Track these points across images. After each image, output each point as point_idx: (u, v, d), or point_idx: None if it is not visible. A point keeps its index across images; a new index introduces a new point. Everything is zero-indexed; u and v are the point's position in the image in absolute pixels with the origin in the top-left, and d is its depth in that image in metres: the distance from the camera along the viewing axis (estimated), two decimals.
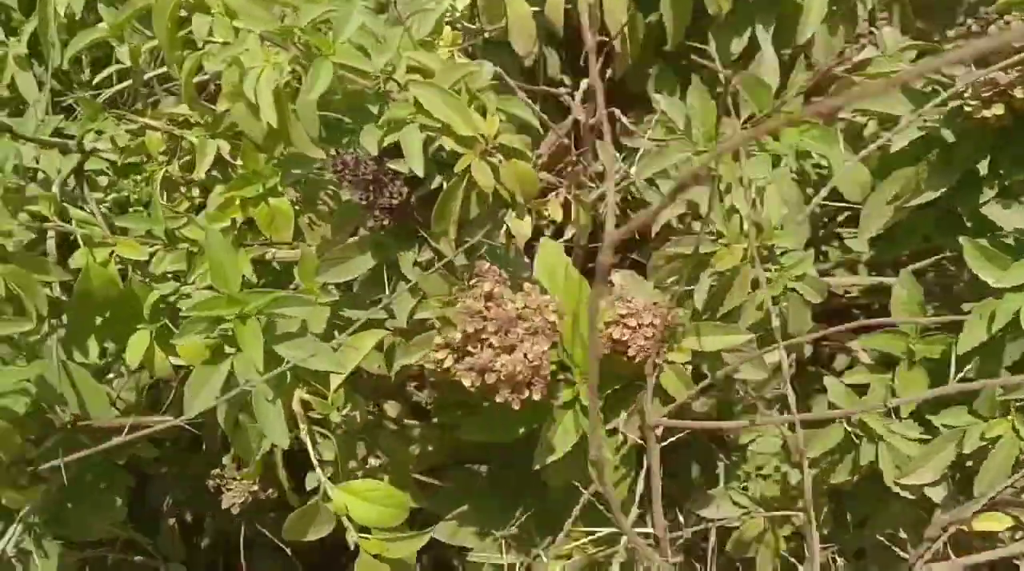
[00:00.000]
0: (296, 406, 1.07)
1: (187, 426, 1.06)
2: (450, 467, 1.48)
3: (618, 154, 1.35)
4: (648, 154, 1.11)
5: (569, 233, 1.32)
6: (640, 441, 1.09)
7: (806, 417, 1.15)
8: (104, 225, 1.12)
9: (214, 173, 1.17)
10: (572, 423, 1.09)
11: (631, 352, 1.01)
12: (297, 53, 0.91)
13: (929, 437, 1.22)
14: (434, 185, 0.98)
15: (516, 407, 0.96)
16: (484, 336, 0.95)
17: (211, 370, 1.01)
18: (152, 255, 1.14)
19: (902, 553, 1.22)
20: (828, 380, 1.23)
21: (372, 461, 1.32)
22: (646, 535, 1.11)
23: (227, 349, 1.00)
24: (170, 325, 1.17)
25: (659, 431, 1.06)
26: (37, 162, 1.27)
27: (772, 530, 1.46)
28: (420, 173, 0.93)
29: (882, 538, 1.48)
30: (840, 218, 1.45)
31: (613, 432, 1.11)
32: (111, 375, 1.24)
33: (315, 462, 1.08)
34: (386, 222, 0.98)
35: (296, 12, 0.93)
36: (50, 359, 1.07)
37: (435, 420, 1.47)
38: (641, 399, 1.08)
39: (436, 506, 1.41)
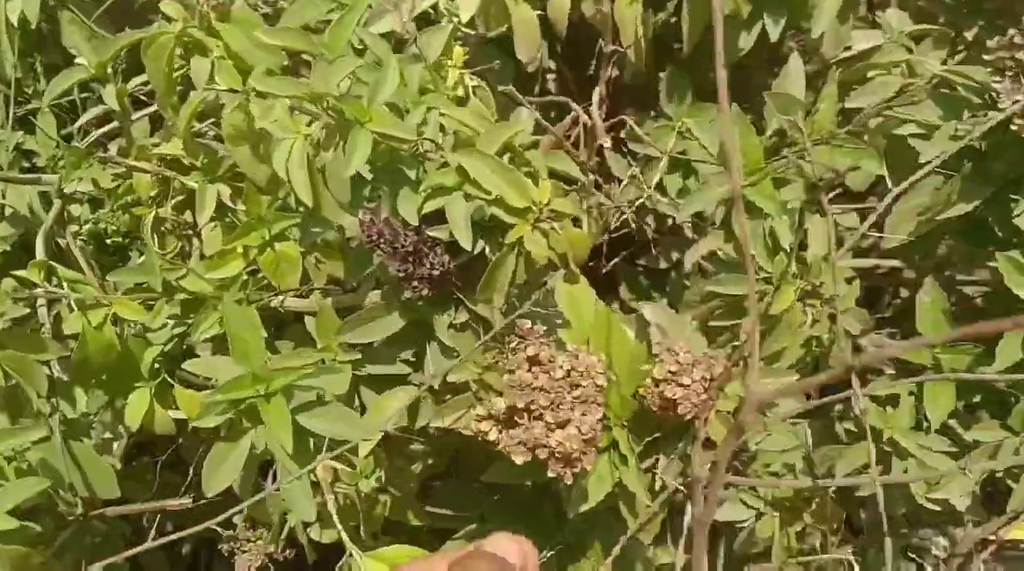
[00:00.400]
0: (321, 473, 0.98)
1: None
2: (453, 482, 1.42)
3: (627, 160, 1.27)
4: (693, 190, 1.03)
5: None
6: (681, 488, 1.03)
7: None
8: (94, 279, 1.01)
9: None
10: (608, 470, 1.03)
11: (681, 410, 0.94)
12: (329, 120, 0.80)
13: (958, 451, 1.18)
14: (475, 249, 0.89)
15: (568, 481, 0.89)
16: (533, 407, 0.88)
17: (231, 447, 0.92)
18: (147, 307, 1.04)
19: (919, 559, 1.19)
20: (857, 400, 1.18)
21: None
22: None
23: (246, 423, 0.92)
24: (169, 379, 1.08)
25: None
26: (3, 196, 1.14)
27: (785, 530, 1.43)
28: (468, 246, 0.84)
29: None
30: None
31: (648, 471, 1.05)
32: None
33: (342, 534, 1.00)
34: (425, 292, 0.89)
35: (317, 67, 0.82)
36: (52, 442, 0.97)
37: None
38: (681, 446, 1.02)
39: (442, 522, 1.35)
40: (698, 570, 0.66)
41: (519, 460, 0.87)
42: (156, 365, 1.07)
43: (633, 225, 1.23)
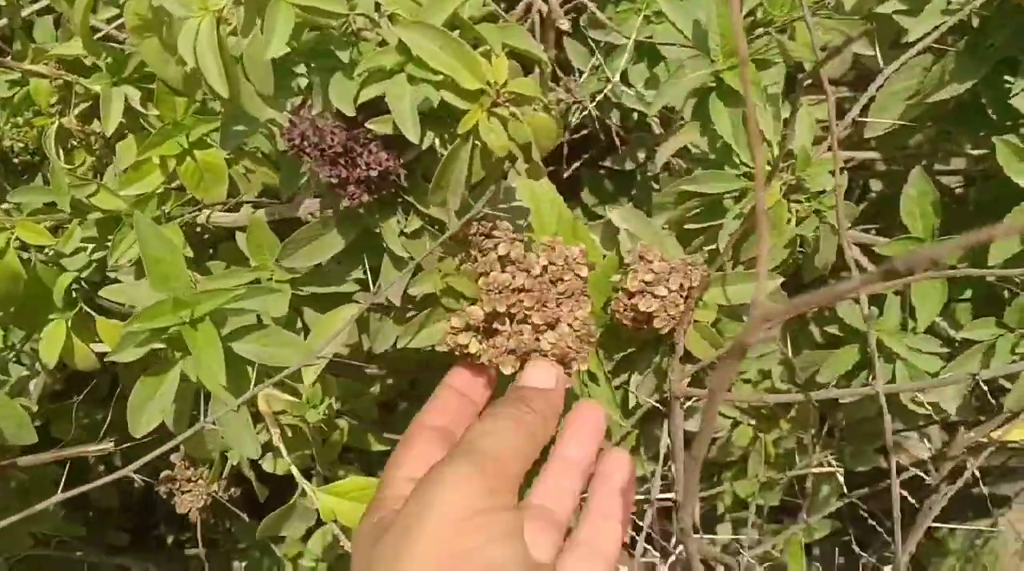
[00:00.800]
0: (262, 405, 0.87)
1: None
2: (416, 404, 1.32)
3: (588, 49, 1.14)
4: (663, 79, 0.90)
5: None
6: (657, 405, 0.93)
7: None
8: None
9: (121, 119, 0.92)
10: (577, 389, 0.93)
11: (658, 324, 0.83)
12: None
13: (949, 351, 1.09)
14: (423, 143, 0.75)
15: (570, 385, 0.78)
16: (515, 311, 0.76)
17: (158, 381, 0.80)
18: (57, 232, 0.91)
19: (921, 473, 1.12)
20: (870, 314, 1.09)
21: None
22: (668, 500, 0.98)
23: (174, 354, 0.80)
24: (88, 310, 0.95)
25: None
26: None
27: (763, 437, 1.36)
28: (415, 139, 0.70)
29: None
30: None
31: (620, 388, 0.95)
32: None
33: (292, 468, 0.90)
34: (364, 198, 0.77)
35: None
36: None
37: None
38: (656, 360, 0.92)
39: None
40: (690, 499, 0.57)
41: (508, 370, 0.74)
42: (73, 294, 0.95)
43: (596, 122, 1.12)
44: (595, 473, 0.65)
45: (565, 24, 0.93)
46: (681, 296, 0.83)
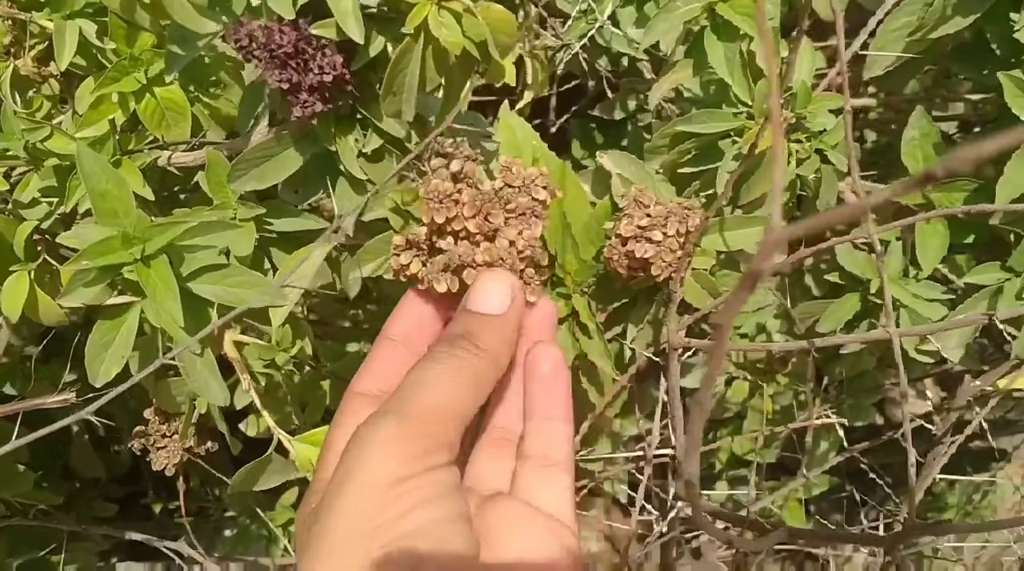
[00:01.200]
0: (230, 350, 0.81)
1: None
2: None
3: None
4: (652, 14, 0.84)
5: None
6: (652, 356, 0.88)
7: None
8: None
9: (77, 59, 0.85)
10: (568, 341, 0.87)
11: (654, 271, 0.77)
12: None
13: (952, 297, 1.04)
14: (374, 50, 0.68)
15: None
16: (457, 226, 0.68)
17: (114, 326, 0.73)
18: (10, 176, 0.84)
19: (927, 424, 1.07)
20: (840, 248, 1.03)
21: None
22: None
23: (130, 296, 0.74)
24: (50, 260, 0.89)
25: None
26: None
27: (759, 393, 1.31)
28: (359, 38, 0.63)
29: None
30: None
31: (614, 340, 0.89)
32: None
33: (266, 417, 0.84)
34: (318, 107, 0.69)
35: None
36: None
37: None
38: (651, 311, 0.86)
39: None
40: (693, 449, 0.51)
41: (441, 289, 0.66)
42: (37, 248, 0.89)
43: (585, 67, 1.05)
44: (525, 373, 0.58)
45: None
46: (678, 241, 0.77)
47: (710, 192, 0.88)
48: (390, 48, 0.70)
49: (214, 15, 0.64)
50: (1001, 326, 0.80)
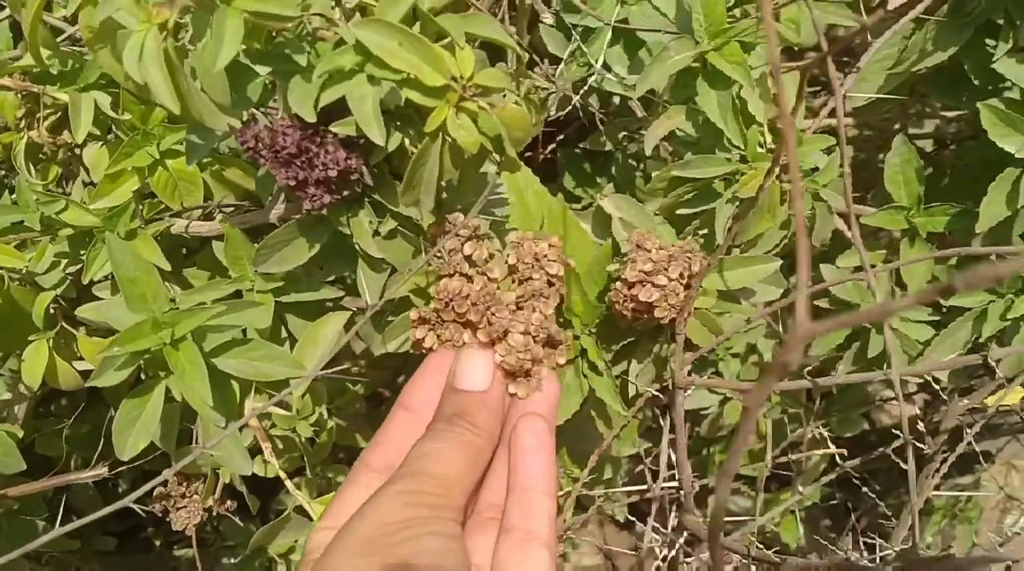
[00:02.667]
0: (254, 424, 0.82)
1: None
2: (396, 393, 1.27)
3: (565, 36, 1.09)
4: (646, 62, 0.85)
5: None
6: (656, 393, 0.89)
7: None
8: None
9: (92, 128, 0.85)
10: (576, 382, 0.89)
11: (659, 313, 0.79)
12: (187, 1, 0.60)
13: (938, 319, 1.06)
14: (392, 145, 0.69)
15: (522, 396, 0.73)
16: (471, 318, 0.70)
17: (141, 402, 0.75)
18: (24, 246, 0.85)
19: (919, 444, 1.08)
20: (830, 275, 1.05)
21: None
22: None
23: (156, 373, 0.75)
24: (68, 327, 0.90)
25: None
26: None
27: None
28: (381, 141, 0.64)
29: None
30: None
31: (619, 377, 0.91)
32: None
33: (280, 472, 0.85)
34: (326, 200, 0.71)
35: None
36: None
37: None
38: (655, 349, 0.87)
39: None
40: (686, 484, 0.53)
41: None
42: (51, 311, 0.89)
43: (579, 108, 1.07)
44: (510, 445, 0.58)
45: (549, 19, 0.88)
46: (681, 284, 0.78)
47: (707, 230, 0.90)
48: (406, 141, 0.71)
49: (235, 112, 0.65)
50: (993, 366, 0.82)
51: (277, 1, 0.61)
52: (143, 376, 0.76)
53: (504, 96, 0.70)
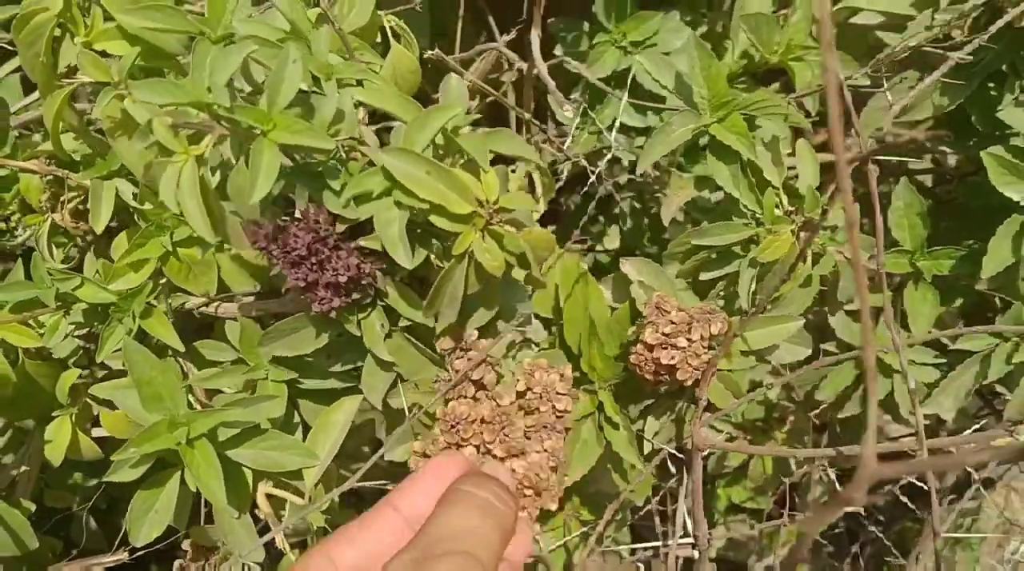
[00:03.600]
0: (262, 505, 0.82)
1: None
2: None
3: (571, 104, 1.10)
4: (650, 137, 0.86)
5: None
6: (675, 452, 0.91)
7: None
8: None
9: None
10: (594, 436, 0.89)
11: (680, 376, 0.80)
12: (223, 131, 0.60)
13: (944, 361, 1.08)
14: (416, 260, 0.70)
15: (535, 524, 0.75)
16: (477, 443, 0.73)
17: (154, 494, 0.75)
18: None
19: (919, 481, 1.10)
20: (836, 320, 1.06)
21: None
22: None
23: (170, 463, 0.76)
24: (90, 401, 0.90)
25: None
26: None
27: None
28: (407, 264, 0.65)
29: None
30: None
31: (638, 437, 0.92)
32: None
33: (287, 552, 0.85)
34: (335, 304, 0.71)
35: (198, 53, 0.61)
36: None
37: None
38: (675, 408, 0.89)
39: None
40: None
41: None
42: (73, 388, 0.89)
43: (591, 173, 1.08)
44: None
45: (569, 113, 0.89)
46: (703, 346, 0.80)
47: (730, 291, 0.91)
48: (433, 258, 0.73)
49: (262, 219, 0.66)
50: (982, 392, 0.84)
51: (311, 134, 0.62)
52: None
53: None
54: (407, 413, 0.79)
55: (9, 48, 0.93)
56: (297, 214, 0.69)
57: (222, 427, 0.73)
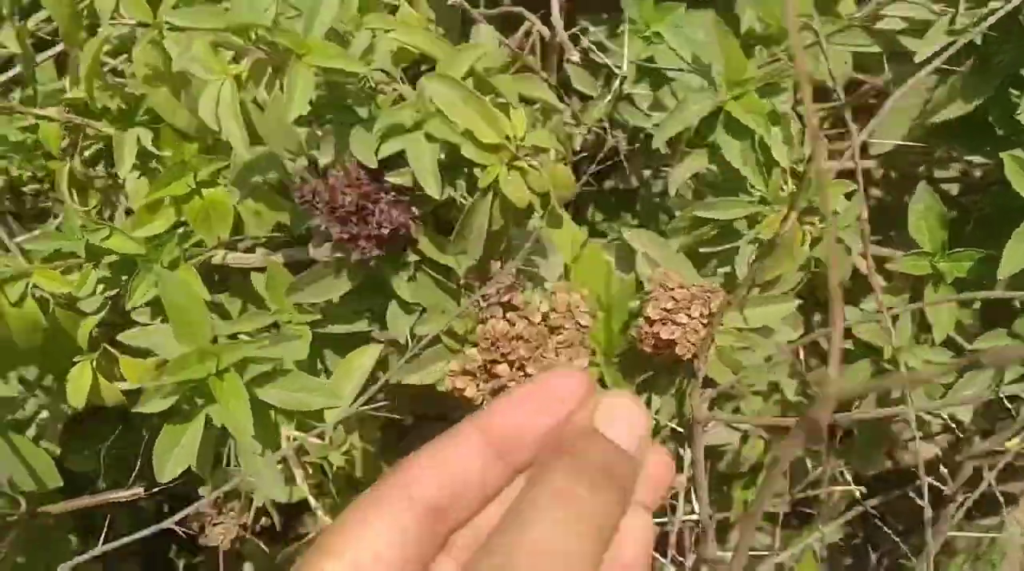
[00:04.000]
0: (286, 446, 0.86)
1: None
2: (427, 424, 1.31)
3: (592, 75, 1.13)
4: (667, 113, 0.89)
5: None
6: (676, 427, 0.93)
7: None
8: (14, 247, 0.87)
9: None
10: None
11: (679, 350, 0.83)
12: (260, 55, 0.65)
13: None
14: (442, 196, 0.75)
15: None
16: (512, 357, 0.76)
17: (183, 428, 0.80)
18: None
19: (938, 483, 1.11)
20: (853, 318, 1.08)
21: None
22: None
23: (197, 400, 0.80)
24: (110, 349, 0.94)
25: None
26: None
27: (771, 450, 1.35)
28: (437, 194, 0.70)
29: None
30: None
31: None
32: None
33: (309, 498, 0.88)
34: (375, 253, 0.76)
35: None
36: None
37: None
38: (676, 383, 0.91)
39: None
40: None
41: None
42: (94, 335, 0.94)
43: (603, 144, 1.11)
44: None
45: (575, 56, 0.93)
46: (702, 323, 0.82)
47: (728, 269, 0.93)
48: (456, 194, 0.77)
49: (294, 155, 0.70)
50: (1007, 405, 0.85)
51: (344, 59, 0.66)
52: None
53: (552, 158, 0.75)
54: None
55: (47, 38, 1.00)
56: (322, 165, 0.73)
57: (250, 365, 0.77)
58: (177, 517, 0.71)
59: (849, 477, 1.30)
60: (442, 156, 0.72)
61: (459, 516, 0.37)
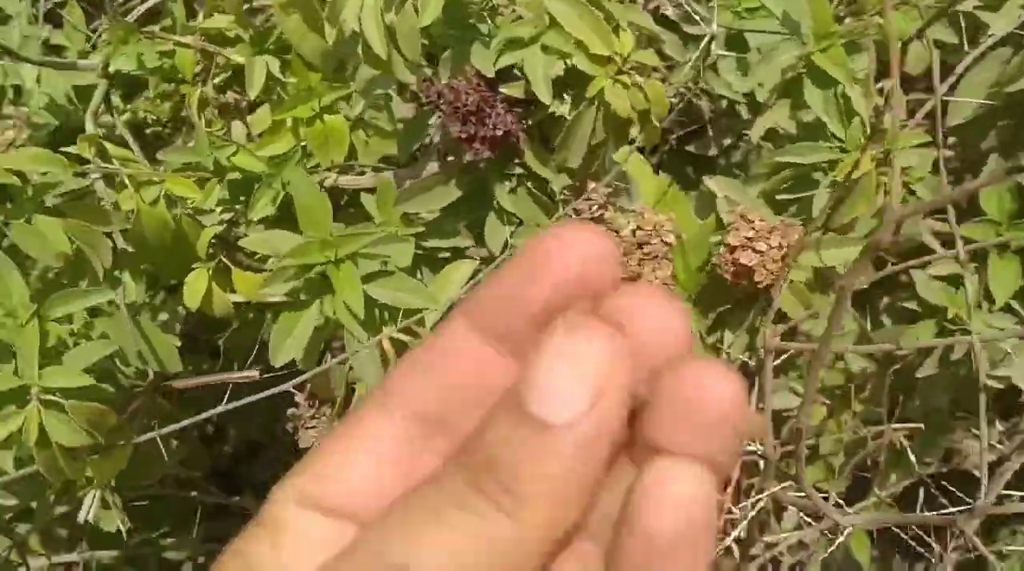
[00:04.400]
0: (386, 344, 0.94)
1: None
2: None
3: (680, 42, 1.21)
4: (754, 62, 0.97)
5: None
6: (747, 360, 0.99)
7: None
8: (144, 160, 0.96)
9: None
10: None
11: (757, 277, 0.89)
12: None
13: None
14: (554, 108, 0.84)
15: None
16: None
17: (298, 316, 0.88)
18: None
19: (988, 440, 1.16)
20: (916, 273, 1.13)
21: None
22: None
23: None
24: (226, 261, 1.03)
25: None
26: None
27: (836, 418, 1.40)
28: (548, 101, 0.78)
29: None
30: None
31: (715, 349, 1.01)
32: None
33: None
34: (486, 154, 0.85)
35: None
36: (119, 316, 0.93)
37: None
38: (750, 318, 0.98)
39: None
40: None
41: None
42: (211, 248, 1.03)
43: (687, 107, 1.18)
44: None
45: (669, 9, 1.00)
46: (779, 253, 0.89)
47: (805, 217, 1.00)
48: (560, 107, 0.85)
49: (418, 70, 0.79)
50: None
51: None
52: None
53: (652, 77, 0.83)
54: None
55: None
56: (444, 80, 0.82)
57: (362, 262, 0.85)
58: (291, 383, 0.79)
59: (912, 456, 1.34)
60: (552, 75, 0.80)
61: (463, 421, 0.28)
